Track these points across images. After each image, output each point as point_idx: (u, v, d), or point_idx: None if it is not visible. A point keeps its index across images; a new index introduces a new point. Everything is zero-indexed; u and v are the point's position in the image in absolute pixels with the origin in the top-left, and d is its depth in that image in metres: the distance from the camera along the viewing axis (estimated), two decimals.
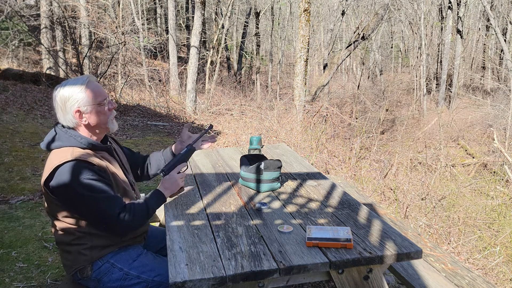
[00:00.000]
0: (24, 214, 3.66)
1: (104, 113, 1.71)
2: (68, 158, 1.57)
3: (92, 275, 1.66)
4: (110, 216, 1.59)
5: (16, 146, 5.73)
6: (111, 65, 11.74)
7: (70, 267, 1.67)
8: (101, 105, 1.70)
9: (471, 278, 2.14)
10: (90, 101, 1.66)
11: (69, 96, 1.64)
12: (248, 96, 14.89)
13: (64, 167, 1.56)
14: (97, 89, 1.70)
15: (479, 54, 24.46)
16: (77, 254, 1.64)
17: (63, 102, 1.64)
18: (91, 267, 1.66)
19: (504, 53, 14.81)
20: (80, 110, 1.65)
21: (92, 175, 1.58)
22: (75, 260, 1.65)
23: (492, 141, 9.45)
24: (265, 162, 2.08)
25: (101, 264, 1.67)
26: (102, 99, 1.70)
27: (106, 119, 1.72)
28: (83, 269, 1.65)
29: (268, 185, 2.08)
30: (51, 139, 1.67)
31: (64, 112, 1.65)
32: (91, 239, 1.64)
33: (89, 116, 1.67)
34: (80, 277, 1.67)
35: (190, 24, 19.96)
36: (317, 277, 1.52)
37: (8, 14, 12.79)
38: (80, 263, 1.65)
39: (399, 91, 19.35)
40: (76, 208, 1.60)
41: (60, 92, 1.65)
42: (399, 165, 6.77)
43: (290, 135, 6.67)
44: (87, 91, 1.65)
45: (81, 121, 1.66)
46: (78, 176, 1.55)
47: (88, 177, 1.57)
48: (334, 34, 16.89)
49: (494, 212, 5.25)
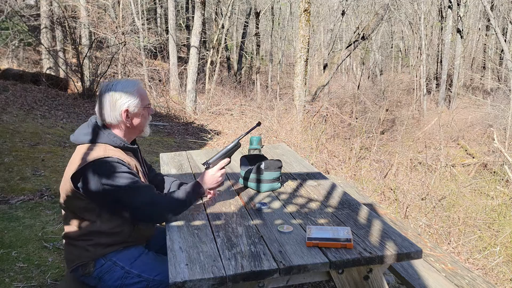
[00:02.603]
0: (24, 214, 3.66)
1: (146, 117, 1.83)
2: (101, 154, 1.64)
3: (94, 272, 1.68)
4: (147, 203, 1.66)
5: (16, 146, 5.73)
6: (111, 65, 11.74)
7: (72, 261, 1.70)
8: (146, 109, 1.81)
9: (471, 278, 2.14)
10: (139, 103, 1.77)
11: (121, 95, 1.72)
12: (248, 96, 14.90)
13: (98, 162, 1.62)
14: (145, 93, 1.82)
15: (479, 54, 24.45)
16: (82, 249, 1.67)
17: (115, 100, 1.72)
18: (94, 264, 1.68)
19: (504, 53, 14.82)
20: (129, 110, 1.74)
21: (124, 169, 1.65)
22: (79, 255, 1.68)
23: (492, 141, 9.45)
24: (265, 162, 2.08)
25: (104, 262, 1.68)
26: (148, 103, 1.82)
27: (145, 123, 1.84)
28: (86, 265, 1.68)
29: (268, 185, 2.08)
30: (86, 133, 1.73)
31: (112, 109, 1.72)
32: (99, 236, 1.68)
33: (133, 117, 1.77)
34: (82, 273, 1.69)
35: (190, 24, 19.97)
36: (317, 277, 1.52)
37: (8, 14, 12.80)
38: (83, 259, 1.68)
39: (399, 91, 19.33)
40: (110, 201, 1.64)
41: (113, 90, 1.73)
42: (399, 165, 6.77)
43: (290, 135, 6.67)
44: (138, 94, 1.77)
45: (125, 120, 1.74)
46: (112, 171, 1.62)
47: (121, 170, 1.64)
48: (334, 34, 16.90)
49: (494, 212, 5.25)
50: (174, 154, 2.91)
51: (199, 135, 8.42)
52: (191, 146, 7.66)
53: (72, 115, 8.78)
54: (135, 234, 1.75)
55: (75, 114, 8.98)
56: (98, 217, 1.67)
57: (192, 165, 2.61)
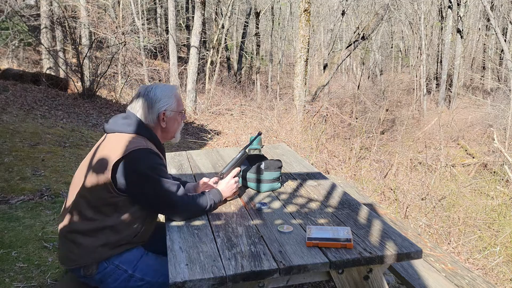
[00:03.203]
0: (24, 214, 3.66)
1: (179, 123, 1.88)
2: (144, 144, 1.68)
3: (96, 275, 1.67)
4: (175, 199, 1.71)
5: (16, 146, 5.73)
6: (111, 65, 11.74)
7: (73, 261, 1.66)
8: (180, 114, 1.86)
9: (471, 278, 2.14)
10: (176, 108, 1.83)
11: (161, 98, 1.78)
12: (248, 96, 14.90)
13: (143, 150, 1.66)
14: (181, 99, 1.89)
15: (479, 54, 24.45)
16: (87, 249, 1.64)
17: (154, 101, 1.77)
18: (97, 266, 1.67)
19: (504, 53, 14.82)
20: (166, 113, 1.79)
21: (161, 162, 1.73)
22: (83, 256, 1.65)
23: (492, 141, 9.45)
24: (265, 162, 2.08)
25: (107, 266, 1.67)
26: (183, 109, 1.88)
27: (177, 128, 1.89)
28: (88, 267, 1.66)
29: (268, 185, 2.08)
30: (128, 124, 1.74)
31: (150, 110, 1.77)
32: (110, 233, 1.66)
33: (168, 121, 1.81)
34: (83, 274, 1.67)
35: (190, 24, 19.97)
36: (317, 277, 1.52)
37: (8, 14, 12.80)
38: (87, 260, 1.65)
39: (399, 91, 19.35)
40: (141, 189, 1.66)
41: (153, 92, 1.78)
42: (399, 165, 6.77)
43: (290, 135, 6.67)
44: (176, 98, 1.83)
45: (161, 123, 1.80)
46: (153, 161, 1.68)
47: (159, 162, 1.70)
48: (334, 34, 16.90)
49: (494, 212, 5.25)
50: (174, 154, 2.91)
51: (199, 135, 8.43)
52: (191, 146, 7.66)
53: (72, 115, 8.78)
54: (142, 233, 1.76)
55: (75, 114, 8.99)
56: (115, 211, 1.66)
57: (192, 165, 2.61)
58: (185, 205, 1.75)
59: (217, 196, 1.87)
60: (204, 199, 1.81)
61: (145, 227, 1.77)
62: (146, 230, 1.79)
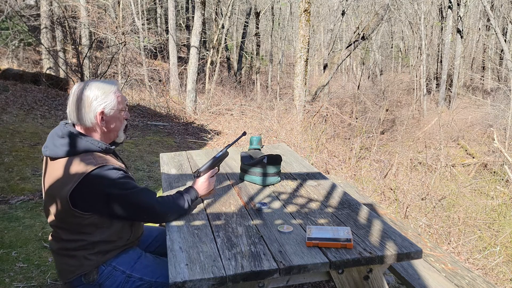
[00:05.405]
0: (24, 214, 3.66)
1: (121, 121, 1.74)
2: (93, 163, 1.55)
3: (98, 280, 1.65)
4: (151, 205, 1.65)
5: (16, 146, 5.73)
6: (111, 65, 11.74)
7: (73, 272, 1.63)
8: (122, 112, 1.73)
9: (471, 278, 2.14)
10: (115, 105, 1.68)
11: (98, 96, 1.63)
12: (248, 96, 14.89)
13: (94, 173, 1.53)
14: (122, 96, 1.74)
15: (479, 54, 24.44)
16: (83, 258, 1.62)
17: (90, 100, 1.63)
18: (97, 271, 1.64)
19: (504, 53, 14.82)
20: (104, 112, 1.65)
21: (121, 174, 1.60)
22: (81, 265, 1.62)
23: (492, 141, 9.45)
24: (268, 156, 2.16)
25: (104, 268, 1.66)
26: (124, 106, 1.74)
27: (120, 127, 1.75)
28: (89, 273, 1.63)
29: (273, 178, 2.15)
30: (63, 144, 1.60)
31: (87, 110, 1.63)
32: (100, 245, 1.63)
33: (108, 119, 1.67)
34: (85, 282, 1.64)
35: (190, 24, 19.97)
36: (317, 277, 1.52)
37: (8, 14, 12.80)
38: (85, 268, 1.62)
39: (399, 91, 19.34)
40: (112, 209, 1.58)
41: (88, 90, 1.63)
42: (399, 165, 6.76)
43: (290, 135, 6.67)
44: (115, 95, 1.68)
45: (100, 123, 1.66)
46: (111, 179, 1.56)
47: (119, 176, 1.58)
48: (334, 34, 16.88)
49: (494, 212, 5.25)
50: (174, 154, 2.91)
51: (199, 135, 8.42)
52: (191, 146, 7.66)
53: None
54: (133, 237, 1.75)
55: None
56: (97, 228, 1.61)
57: (192, 165, 2.61)
58: (165, 206, 1.70)
59: (193, 194, 1.83)
60: (181, 197, 1.77)
61: (134, 230, 1.75)
62: (137, 231, 1.78)
